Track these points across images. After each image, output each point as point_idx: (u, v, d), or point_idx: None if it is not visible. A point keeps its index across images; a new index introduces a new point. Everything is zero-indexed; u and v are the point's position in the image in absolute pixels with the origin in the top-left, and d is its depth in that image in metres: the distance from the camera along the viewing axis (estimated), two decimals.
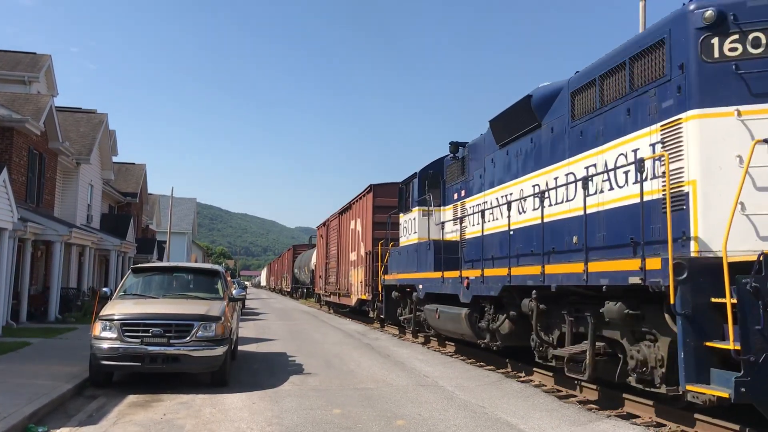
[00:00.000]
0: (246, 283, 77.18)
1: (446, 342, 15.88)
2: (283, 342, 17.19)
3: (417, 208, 16.51)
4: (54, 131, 24.63)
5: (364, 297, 22.78)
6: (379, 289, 19.94)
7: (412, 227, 17.07)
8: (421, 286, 15.11)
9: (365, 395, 9.51)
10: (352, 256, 25.39)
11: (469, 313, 12.11)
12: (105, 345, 9.51)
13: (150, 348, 9.50)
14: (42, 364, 11.25)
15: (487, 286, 11.12)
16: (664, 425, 7.59)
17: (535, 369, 11.17)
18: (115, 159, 35.73)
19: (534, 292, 9.61)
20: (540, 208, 9.82)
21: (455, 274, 12.85)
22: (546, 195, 9.93)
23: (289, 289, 60.15)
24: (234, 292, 12.71)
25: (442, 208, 15.54)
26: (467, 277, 12.15)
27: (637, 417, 8.05)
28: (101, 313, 9.98)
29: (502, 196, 11.98)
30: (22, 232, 18.63)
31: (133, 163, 41.75)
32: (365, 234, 23.14)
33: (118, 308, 10.06)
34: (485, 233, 12.06)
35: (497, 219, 11.90)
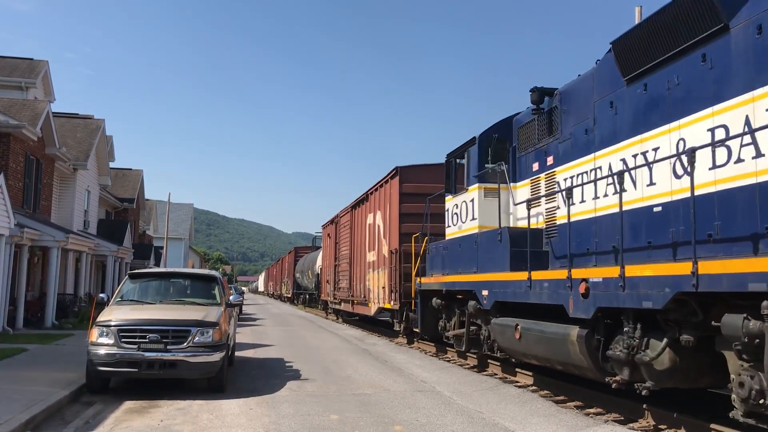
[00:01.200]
0: (243, 288, 77.00)
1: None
2: (280, 347, 17.16)
3: (476, 185, 12.21)
4: (51, 137, 24.61)
5: (387, 306, 18.79)
6: (412, 295, 16.21)
7: (467, 212, 12.77)
8: (485, 292, 11.06)
9: (363, 401, 9.50)
10: (370, 257, 21.37)
11: (587, 334, 8.15)
12: (102, 351, 9.49)
13: (147, 354, 9.48)
14: (38, 370, 11.22)
15: (632, 292, 7.12)
16: (661, 429, 7.59)
17: (532, 374, 11.17)
18: (112, 165, 35.67)
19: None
20: (734, 165, 6.46)
21: (554, 274, 9.03)
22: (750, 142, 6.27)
23: (289, 295, 55.74)
24: (231, 297, 12.68)
25: (511, 185, 11.55)
26: (585, 279, 8.06)
27: (635, 421, 8.05)
28: (98, 319, 9.96)
29: (632, 156, 8.23)
30: (19, 238, 18.59)
31: (130, 169, 41.74)
32: (389, 229, 19.02)
33: (115, 314, 10.04)
34: (599, 214, 8.75)
35: (621, 192, 7.76)
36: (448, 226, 14.03)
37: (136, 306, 10.89)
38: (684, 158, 7.00)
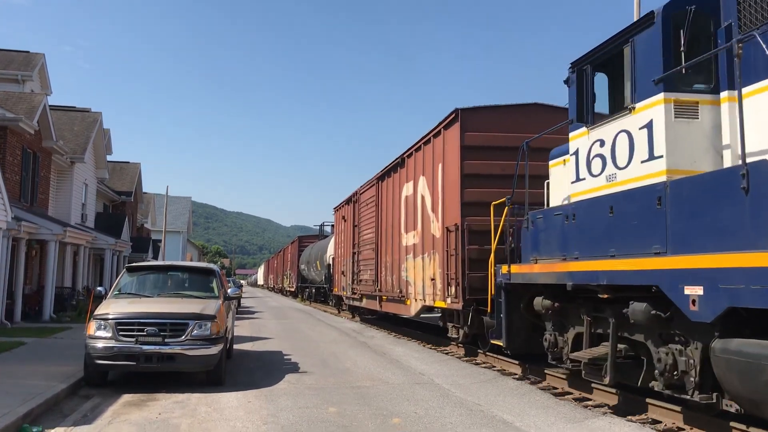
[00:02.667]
0: (242, 282, 76.99)
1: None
2: (278, 340, 17.17)
3: (660, 97, 7.33)
4: (48, 130, 24.53)
5: (439, 304, 13.95)
6: (490, 289, 11.44)
7: (632, 149, 7.76)
8: (695, 290, 6.33)
9: (361, 393, 9.51)
10: (409, 239, 16.41)
11: None
12: (100, 344, 9.48)
13: (145, 347, 9.47)
14: (36, 363, 11.21)
15: None
16: (660, 422, 7.60)
17: (529, 366, 11.17)
18: (109, 158, 35.61)
19: None
20: None
21: None
22: None
23: (293, 289, 50.21)
24: (229, 290, 12.67)
25: (720, 96, 7.17)
26: None
27: (633, 414, 8.06)
28: (96, 313, 9.94)
29: None
30: (16, 232, 18.56)
31: (128, 162, 41.65)
32: (443, 198, 13.86)
33: (112, 307, 10.03)
34: None
35: None
36: (578, 180, 8.89)
37: (133, 299, 10.87)
38: None
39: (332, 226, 38.01)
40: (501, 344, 11.00)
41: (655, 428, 7.37)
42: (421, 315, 16.82)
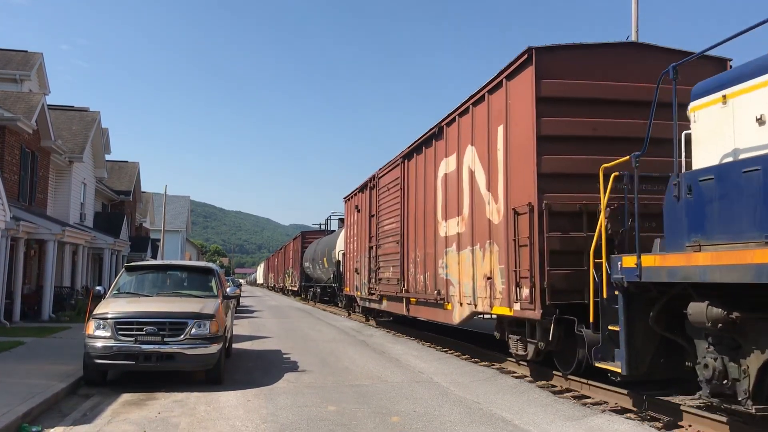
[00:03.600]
0: (241, 281, 76.76)
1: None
2: (277, 339, 17.18)
3: None
4: (46, 129, 24.51)
5: (502, 311, 10.56)
6: (592, 292, 8.62)
7: None
8: None
9: (360, 392, 9.52)
10: (451, 228, 13.10)
11: None
12: (99, 344, 9.48)
13: (144, 346, 9.48)
14: (35, 363, 11.21)
15: None
16: (658, 419, 7.62)
17: (529, 364, 11.19)
18: (108, 157, 35.61)
19: None
20: None
21: None
22: None
23: (296, 288, 47.03)
24: (228, 289, 12.68)
25: None
26: None
27: (631, 411, 8.08)
28: (95, 312, 9.95)
29: None
30: (15, 231, 18.55)
31: (126, 161, 41.65)
32: (507, 171, 10.50)
33: (111, 307, 10.03)
34: None
35: None
36: None
37: (132, 299, 10.87)
38: None
39: (339, 220, 35.70)
40: (615, 369, 7.83)
41: (654, 425, 7.39)
42: (467, 323, 13.43)
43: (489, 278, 11.06)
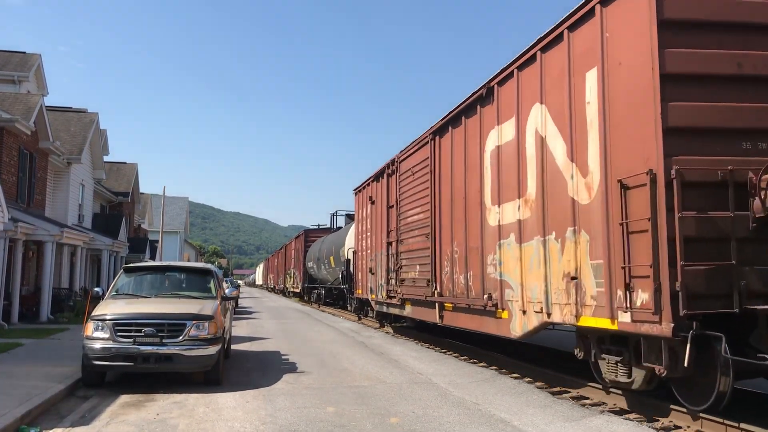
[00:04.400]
0: (239, 282, 76.56)
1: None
2: (276, 341, 17.16)
3: None
4: (44, 131, 24.51)
5: (600, 323, 7.84)
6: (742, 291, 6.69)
7: None
8: None
9: (359, 393, 9.51)
10: (507, 214, 10.43)
11: None
12: (97, 345, 9.47)
13: (142, 348, 9.47)
14: (34, 364, 11.20)
15: None
16: (657, 420, 7.62)
17: (527, 365, 11.19)
18: (106, 158, 35.60)
19: None
20: None
21: None
22: None
23: (298, 290, 43.86)
24: (227, 291, 12.67)
25: None
26: None
27: (631, 412, 8.08)
28: (93, 313, 9.93)
29: None
30: (13, 233, 18.52)
31: (125, 163, 41.67)
32: (606, 129, 7.86)
33: (110, 308, 10.01)
34: None
35: None
36: None
37: (131, 300, 10.86)
38: None
39: (347, 216, 33.01)
40: None
41: (653, 426, 7.39)
42: (526, 337, 9.99)
43: (573, 278, 8.37)
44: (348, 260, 24.84)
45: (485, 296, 10.89)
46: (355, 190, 22.97)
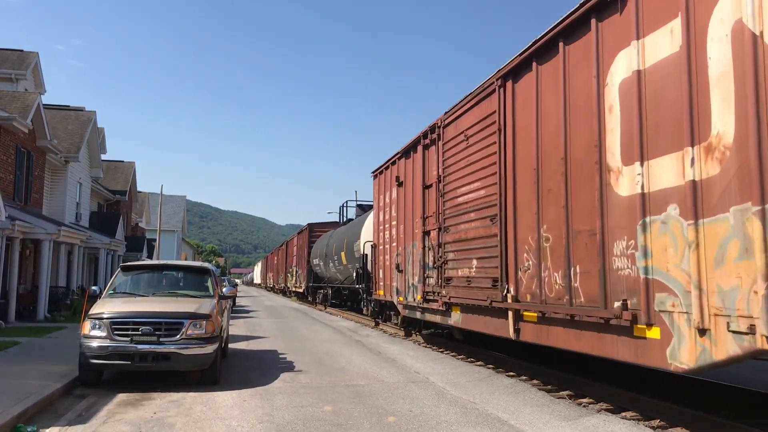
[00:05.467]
0: (237, 281, 76.50)
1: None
2: (273, 340, 17.16)
3: None
4: (42, 129, 24.47)
5: None
6: None
7: None
8: None
9: (356, 392, 9.52)
10: (655, 177, 6.91)
11: None
12: (94, 344, 9.47)
13: (140, 346, 9.47)
14: (31, 363, 11.18)
15: None
16: (654, 418, 7.64)
17: (524, 363, 11.20)
18: (103, 157, 35.55)
19: None
20: None
21: None
22: None
23: (301, 290, 39.97)
24: (224, 290, 12.67)
25: None
26: None
27: (627, 411, 8.10)
28: (90, 312, 9.92)
29: None
30: (10, 231, 18.49)
31: (122, 161, 41.60)
32: None
33: (107, 307, 10.01)
34: None
35: None
36: None
37: (128, 298, 10.85)
38: None
39: (358, 207, 29.97)
40: None
41: (650, 425, 7.41)
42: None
43: None
44: (364, 256, 21.32)
45: (616, 304, 7.30)
46: (374, 172, 19.70)
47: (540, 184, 9.27)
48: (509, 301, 9.92)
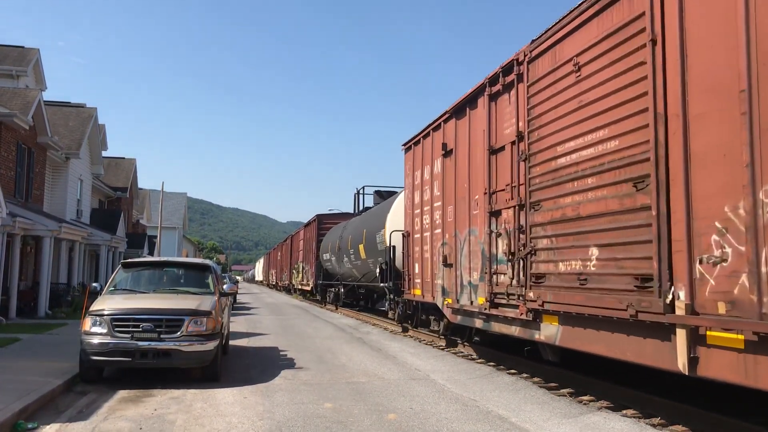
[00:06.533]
0: (237, 278, 76.53)
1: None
2: (274, 336, 17.17)
3: None
4: (43, 126, 24.47)
5: None
6: None
7: None
8: None
9: (357, 389, 9.52)
10: None
11: None
12: (95, 340, 9.47)
13: (140, 343, 9.47)
14: (32, 359, 11.19)
15: None
16: (655, 416, 7.63)
17: (525, 361, 11.19)
18: (104, 153, 35.57)
19: None
20: None
21: None
22: None
23: (308, 288, 36.55)
24: (225, 286, 12.67)
25: None
26: None
27: (627, 408, 8.09)
28: (91, 309, 9.93)
29: None
30: (11, 228, 18.50)
31: (123, 158, 41.60)
32: None
33: (108, 303, 10.01)
34: None
35: None
36: None
37: (129, 295, 10.85)
38: None
39: (376, 194, 26.05)
40: None
41: (650, 422, 7.41)
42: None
43: None
44: (391, 248, 17.96)
45: None
46: (405, 145, 16.51)
47: (754, 115, 5.68)
48: (681, 312, 6.34)
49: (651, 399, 7.93)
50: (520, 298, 9.53)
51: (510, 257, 9.99)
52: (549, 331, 8.94)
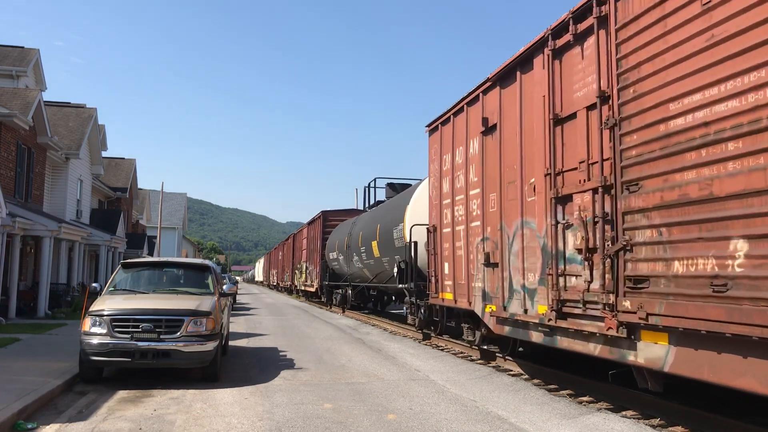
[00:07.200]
0: (237, 278, 76.49)
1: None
2: (274, 337, 17.16)
3: None
4: (43, 126, 24.47)
5: None
6: None
7: None
8: None
9: (356, 390, 9.52)
10: None
11: None
12: (95, 340, 9.47)
13: (140, 343, 9.46)
14: (31, 360, 11.18)
15: None
16: (655, 417, 7.64)
17: (524, 363, 11.19)
18: (104, 154, 35.57)
19: None
20: None
21: None
22: None
23: (313, 289, 34.06)
24: (224, 287, 12.66)
25: None
26: None
27: (627, 409, 8.10)
28: (91, 309, 9.92)
29: None
30: (11, 228, 18.50)
31: (123, 158, 41.62)
32: None
33: (107, 303, 10.01)
34: None
35: None
36: None
37: (129, 295, 10.85)
38: None
39: (388, 187, 23.60)
40: None
41: (650, 423, 7.41)
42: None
43: None
44: (413, 244, 15.83)
45: None
46: (429, 126, 14.45)
47: None
48: None
49: (651, 400, 7.93)
50: (606, 307, 7.38)
51: (587, 255, 7.84)
52: (652, 353, 6.80)
